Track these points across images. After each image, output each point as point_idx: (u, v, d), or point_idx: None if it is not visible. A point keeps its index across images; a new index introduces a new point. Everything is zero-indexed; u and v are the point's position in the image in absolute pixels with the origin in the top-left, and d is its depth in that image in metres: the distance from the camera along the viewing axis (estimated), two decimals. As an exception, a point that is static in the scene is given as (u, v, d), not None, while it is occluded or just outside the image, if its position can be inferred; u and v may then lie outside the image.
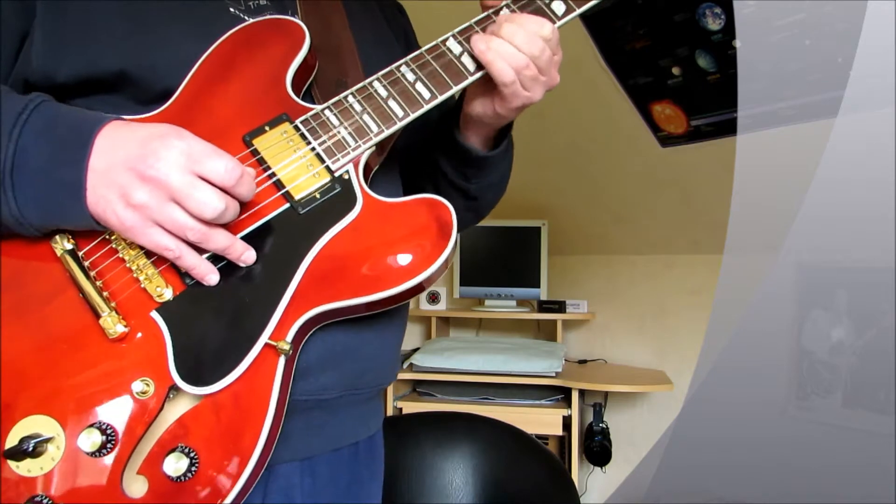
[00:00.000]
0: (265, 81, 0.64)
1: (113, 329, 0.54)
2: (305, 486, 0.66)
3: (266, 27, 0.66)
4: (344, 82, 0.70)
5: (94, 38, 0.61)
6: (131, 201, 0.52)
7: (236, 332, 0.56)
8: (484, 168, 0.78)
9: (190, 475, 0.53)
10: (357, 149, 0.63)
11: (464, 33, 0.68)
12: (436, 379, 2.35)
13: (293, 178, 0.61)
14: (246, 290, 0.58)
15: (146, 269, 0.57)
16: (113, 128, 0.55)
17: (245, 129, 0.62)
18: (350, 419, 0.71)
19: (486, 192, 0.82)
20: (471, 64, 0.67)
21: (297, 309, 0.58)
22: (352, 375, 0.67)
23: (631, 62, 1.85)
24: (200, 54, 0.63)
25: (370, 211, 0.62)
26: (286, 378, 0.58)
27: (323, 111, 0.64)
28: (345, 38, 0.75)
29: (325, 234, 0.60)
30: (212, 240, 0.55)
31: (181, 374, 0.55)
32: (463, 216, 0.77)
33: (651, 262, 2.64)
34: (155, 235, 0.53)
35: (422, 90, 0.66)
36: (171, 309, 0.56)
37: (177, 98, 0.62)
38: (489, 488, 1.63)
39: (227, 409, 0.55)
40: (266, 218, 0.60)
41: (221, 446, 0.54)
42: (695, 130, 1.95)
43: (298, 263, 0.59)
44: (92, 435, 0.52)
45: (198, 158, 0.53)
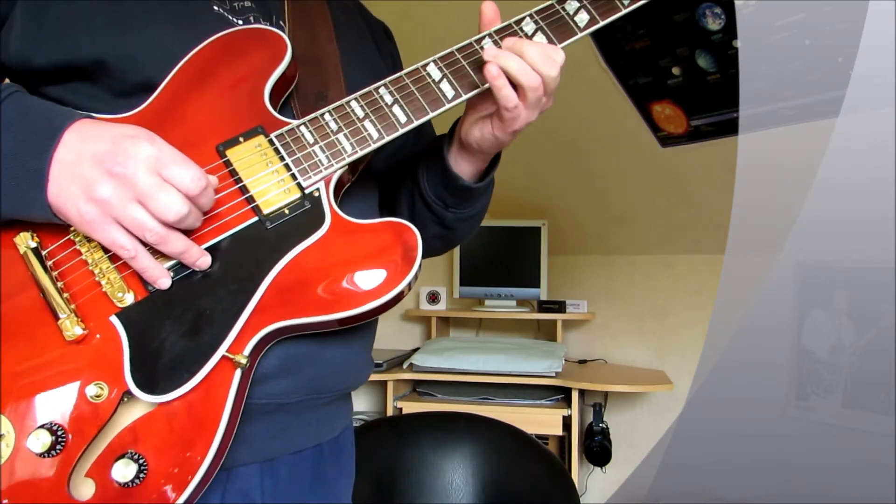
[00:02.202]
0: (243, 91, 0.64)
1: (71, 331, 0.55)
2: (266, 486, 0.66)
3: (248, 36, 0.66)
4: (324, 95, 0.70)
5: (75, 26, 0.61)
6: (94, 195, 0.52)
7: (194, 343, 0.57)
8: (465, 199, 0.78)
9: (138, 481, 0.53)
10: (329, 168, 0.64)
11: (445, 59, 0.67)
12: (436, 379, 2.34)
13: (264, 192, 0.61)
14: (207, 301, 0.58)
15: (109, 273, 0.57)
16: (84, 123, 0.55)
17: (219, 138, 0.62)
18: (313, 421, 0.71)
19: (461, 224, 0.82)
20: (449, 91, 0.67)
21: (256, 323, 0.58)
22: (313, 380, 0.67)
23: (631, 62, 1.85)
24: (181, 49, 0.63)
25: (337, 230, 0.62)
26: (241, 390, 0.58)
27: (298, 127, 0.64)
28: (330, 51, 0.74)
29: (290, 251, 0.60)
30: (169, 243, 0.55)
31: (136, 380, 0.55)
32: (431, 243, 0.77)
33: (651, 262, 2.64)
34: (113, 232, 0.53)
35: (398, 113, 0.66)
36: (130, 314, 0.57)
37: (153, 100, 0.62)
38: (489, 488, 1.63)
39: (180, 418, 0.55)
40: (233, 230, 0.60)
41: (171, 455, 0.54)
42: (695, 130, 1.95)
43: (262, 278, 0.59)
44: (41, 435, 0.52)
45: (166, 163, 0.53)
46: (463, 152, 0.75)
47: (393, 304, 0.61)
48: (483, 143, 0.71)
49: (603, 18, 0.70)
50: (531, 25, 0.69)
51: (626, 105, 1.99)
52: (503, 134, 0.69)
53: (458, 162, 0.75)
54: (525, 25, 0.69)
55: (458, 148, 0.75)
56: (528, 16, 0.69)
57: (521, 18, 0.69)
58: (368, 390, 2.80)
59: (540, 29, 0.68)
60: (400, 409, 2.30)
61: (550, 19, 0.69)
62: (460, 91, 0.67)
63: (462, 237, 0.86)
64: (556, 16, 0.69)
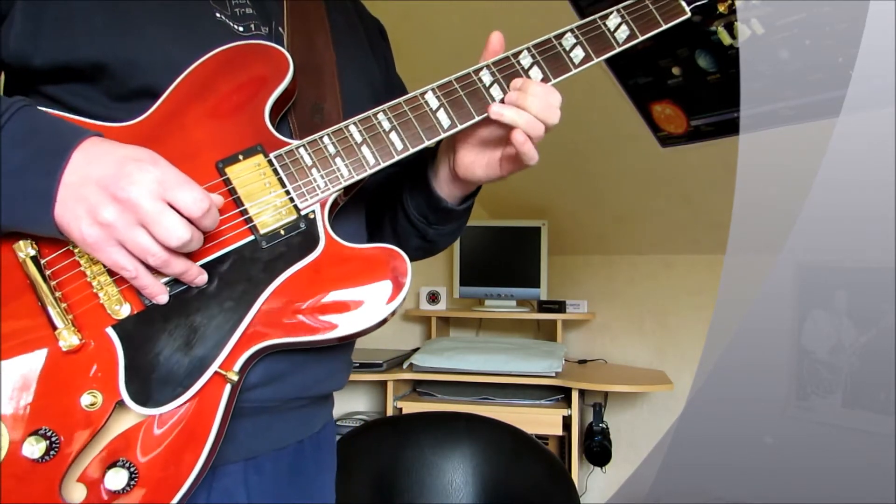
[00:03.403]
0: (244, 108, 0.65)
1: (68, 341, 0.55)
2: (251, 483, 0.68)
3: (252, 52, 0.66)
4: (320, 107, 0.71)
5: (75, 27, 0.61)
6: (98, 218, 0.53)
7: (188, 358, 0.58)
8: (448, 219, 0.81)
9: (129, 489, 0.55)
10: (326, 191, 0.65)
11: (443, 88, 0.69)
12: (436, 379, 2.35)
13: (261, 211, 0.63)
14: (202, 317, 0.59)
15: (107, 285, 0.58)
16: (91, 143, 0.55)
17: (218, 154, 0.63)
18: (295, 421, 0.73)
19: (442, 238, 0.85)
20: (446, 120, 0.68)
21: (248, 340, 0.60)
22: (295, 388, 0.69)
23: (631, 62, 1.85)
24: (181, 55, 0.63)
25: (330, 254, 0.64)
26: (230, 403, 0.60)
27: (297, 149, 0.65)
28: (327, 59, 0.75)
29: (284, 272, 0.62)
30: (171, 266, 0.56)
31: (130, 392, 0.56)
32: (414, 254, 0.80)
33: (651, 262, 2.64)
34: (115, 254, 0.54)
35: (395, 140, 0.67)
36: (126, 327, 0.58)
37: (154, 111, 0.62)
38: (489, 488, 1.63)
39: (171, 429, 0.57)
40: (230, 247, 0.61)
41: (162, 464, 0.56)
42: (695, 130, 1.95)
43: (256, 297, 0.61)
44: (35, 441, 0.53)
45: (170, 186, 0.53)
46: (457, 182, 0.77)
47: (379, 327, 0.64)
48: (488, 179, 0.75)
49: (597, 56, 0.72)
50: (528, 59, 0.70)
51: (626, 105, 1.99)
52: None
53: (443, 187, 0.78)
54: (522, 58, 0.70)
55: (450, 177, 0.77)
56: (525, 49, 0.70)
57: (518, 51, 0.70)
58: (368, 390, 2.80)
59: (536, 63, 0.70)
60: (400, 409, 2.30)
61: (547, 54, 0.70)
62: (456, 121, 0.68)
63: (442, 248, 0.90)
64: (553, 51, 0.71)
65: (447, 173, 0.77)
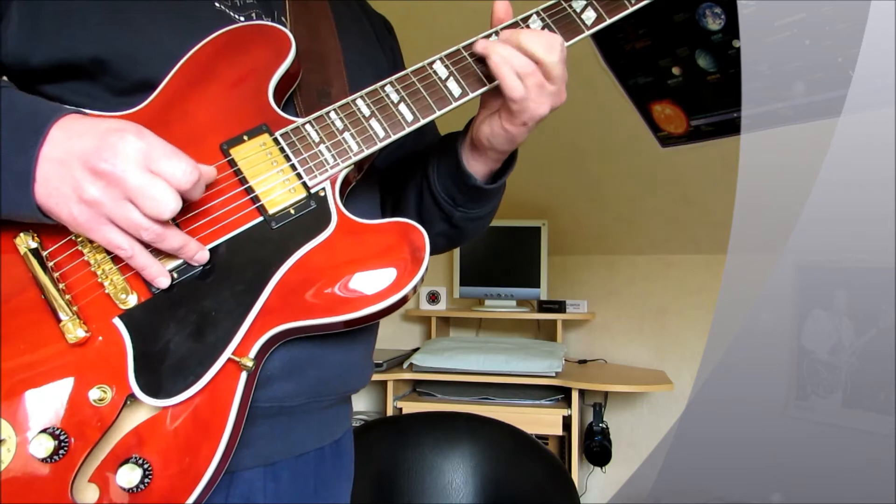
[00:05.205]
0: (246, 89, 0.63)
1: (73, 333, 0.53)
2: (268, 491, 0.65)
3: (251, 32, 0.65)
4: (327, 92, 0.69)
5: (73, 23, 0.60)
6: (84, 196, 0.50)
7: (199, 345, 0.55)
8: (475, 199, 0.76)
9: (143, 486, 0.52)
10: (335, 167, 0.62)
11: (451, 57, 0.67)
12: (436, 379, 2.34)
13: (269, 191, 0.60)
14: (212, 303, 0.56)
15: (112, 274, 0.56)
16: (72, 119, 0.53)
17: (223, 136, 0.61)
18: (315, 424, 0.70)
19: (469, 224, 0.80)
20: (456, 89, 0.66)
21: (262, 325, 0.57)
22: (316, 383, 0.66)
23: (631, 62, 1.85)
24: (182, 47, 0.62)
25: (343, 231, 0.61)
26: (247, 393, 0.57)
27: (304, 125, 0.63)
28: (331, 46, 0.73)
29: (296, 252, 0.59)
30: (166, 240, 0.53)
31: (140, 383, 0.54)
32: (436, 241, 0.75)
33: (651, 262, 2.64)
34: (108, 233, 0.52)
35: (405, 112, 0.65)
36: (134, 316, 0.55)
37: (154, 98, 0.61)
38: (489, 488, 1.63)
39: (185, 422, 0.54)
40: (238, 230, 0.59)
41: (176, 460, 0.53)
42: (695, 130, 1.95)
43: (268, 279, 0.58)
44: (44, 440, 0.51)
45: (155, 157, 0.51)
46: (475, 152, 0.73)
47: (400, 306, 0.60)
48: (494, 140, 0.69)
49: (610, 16, 0.69)
50: (538, 23, 0.68)
51: (626, 105, 1.99)
52: (512, 126, 0.67)
53: (470, 161, 0.74)
54: (532, 23, 0.68)
55: (470, 147, 0.73)
56: (534, 13, 0.69)
57: (527, 16, 0.69)
58: (368, 390, 2.80)
59: (547, 26, 0.68)
60: (400, 409, 2.30)
61: (557, 17, 0.68)
62: (467, 89, 0.66)
63: (468, 238, 0.84)
64: (563, 13, 0.69)
65: (468, 142, 0.73)
